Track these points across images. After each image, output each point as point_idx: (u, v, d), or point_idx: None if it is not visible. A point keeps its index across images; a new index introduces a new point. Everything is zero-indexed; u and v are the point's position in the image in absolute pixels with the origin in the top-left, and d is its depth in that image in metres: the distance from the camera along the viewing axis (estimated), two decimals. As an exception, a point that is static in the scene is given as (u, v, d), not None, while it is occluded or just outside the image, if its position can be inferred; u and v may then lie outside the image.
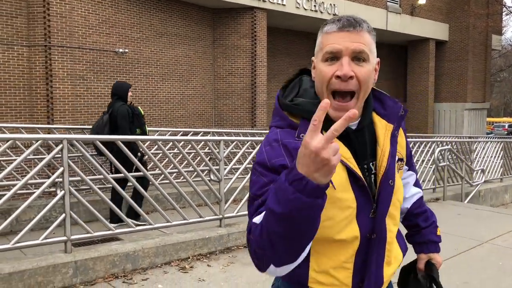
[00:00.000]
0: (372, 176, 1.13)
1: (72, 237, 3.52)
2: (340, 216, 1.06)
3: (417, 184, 1.42)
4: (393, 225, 1.18)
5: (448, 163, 7.44)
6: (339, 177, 1.04)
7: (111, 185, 4.20)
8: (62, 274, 3.34)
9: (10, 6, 7.60)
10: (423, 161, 7.68)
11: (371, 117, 1.17)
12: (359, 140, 1.12)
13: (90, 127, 7.25)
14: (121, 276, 3.59)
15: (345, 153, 1.08)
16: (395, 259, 1.21)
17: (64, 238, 3.49)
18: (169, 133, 7.81)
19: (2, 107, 7.54)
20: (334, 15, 12.49)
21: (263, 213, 0.94)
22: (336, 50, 1.05)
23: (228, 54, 10.65)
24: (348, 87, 1.05)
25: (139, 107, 5.39)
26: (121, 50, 8.83)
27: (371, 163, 1.13)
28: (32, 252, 3.73)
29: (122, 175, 4.04)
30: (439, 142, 8.13)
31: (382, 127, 1.16)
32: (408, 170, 1.38)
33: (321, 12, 12.19)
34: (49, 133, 6.67)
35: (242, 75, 10.62)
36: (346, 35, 1.05)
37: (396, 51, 17.44)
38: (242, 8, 10.44)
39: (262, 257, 0.95)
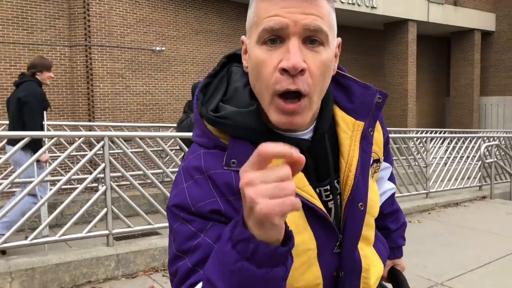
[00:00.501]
0: (338, 196, 0.84)
1: (114, 231, 3.60)
2: (296, 263, 0.75)
3: (391, 178, 1.11)
4: (368, 244, 0.90)
5: (495, 159, 7.06)
6: (291, 216, 0.72)
7: (150, 181, 4.28)
8: (105, 267, 3.43)
9: (53, 8, 7.90)
10: (467, 157, 7.36)
11: (333, 115, 0.85)
12: (318, 152, 0.81)
13: (131, 124, 7.45)
14: (160, 270, 3.64)
15: (298, 180, 0.76)
16: (376, 278, 0.93)
17: (106, 232, 3.58)
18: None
19: (47, 105, 7.88)
20: (372, 8, 12.14)
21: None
22: (279, 27, 0.69)
23: (263, 50, 10.61)
24: (296, 86, 0.69)
25: None
26: (158, 48, 8.98)
27: (335, 180, 0.83)
28: (76, 244, 3.85)
29: None
30: (485, 138, 7.75)
31: (348, 129, 0.84)
32: (384, 160, 1.02)
33: (359, 5, 11.85)
34: (90, 130, 6.89)
35: (277, 70, 10.55)
36: (294, 2, 0.69)
37: (437, 43, 16.77)
38: (277, 3, 10.35)
39: None
